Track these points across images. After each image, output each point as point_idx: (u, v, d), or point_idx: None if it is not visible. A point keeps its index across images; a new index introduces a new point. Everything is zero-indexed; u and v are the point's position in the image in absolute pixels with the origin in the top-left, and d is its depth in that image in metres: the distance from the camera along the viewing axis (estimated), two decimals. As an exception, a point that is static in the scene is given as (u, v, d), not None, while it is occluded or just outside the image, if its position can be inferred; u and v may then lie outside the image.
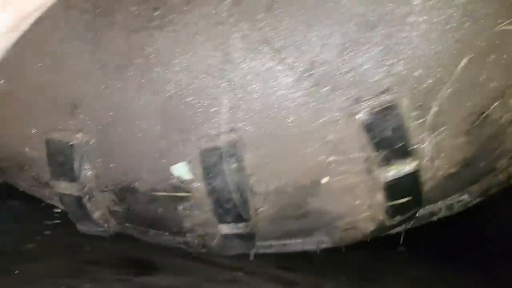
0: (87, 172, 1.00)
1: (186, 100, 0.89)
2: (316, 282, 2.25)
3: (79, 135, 0.97)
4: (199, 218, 1.06)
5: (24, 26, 0.58)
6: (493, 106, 0.87)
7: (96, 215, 1.07)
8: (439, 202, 1.12)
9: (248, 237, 1.01)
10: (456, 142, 0.91)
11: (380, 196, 0.93)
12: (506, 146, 0.98)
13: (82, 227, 1.13)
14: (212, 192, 0.92)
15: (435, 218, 1.22)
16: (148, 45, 0.86)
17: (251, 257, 1.16)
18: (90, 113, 0.95)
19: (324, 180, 0.94)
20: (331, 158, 0.90)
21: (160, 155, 0.95)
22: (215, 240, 1.13)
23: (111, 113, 0.94)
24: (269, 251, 1.21)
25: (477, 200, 1.20)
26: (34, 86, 0.96)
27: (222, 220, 0.97)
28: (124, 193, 1.04)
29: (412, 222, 1.11)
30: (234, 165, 0.89)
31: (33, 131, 1.01)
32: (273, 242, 1.18)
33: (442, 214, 1.22)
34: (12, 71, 0.97)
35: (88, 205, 1.04)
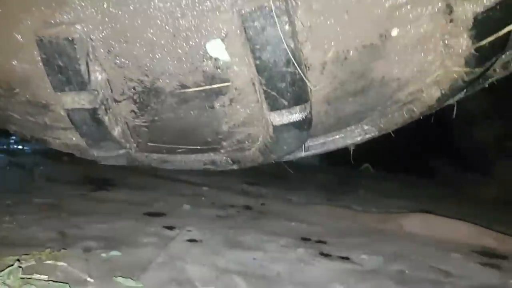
0: (97, 75, 0.80)
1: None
2: (284, 195, 2.26)
3: (79, 27, 0.75)
4: (241, 115, 0.88)
5: None
6: None
7: (116, 131, 0.88)
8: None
9: (304, 125, 0.84)
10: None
11: (463, 40, 0.76)
12: None
13: (99, 152, 0.93)
14: (262, 69, 0.74)
15: (487, 83, 1.07)
16: None
17: (303, 155, 1.00)
18: (88, -6, 0.73)
19: (394, 32, 0.76)
20: (403, 0, 0.72)
21: (187, 35, 0.75)
22: (259, 142, 0.96)
23: (113, -9, 0.73)
24: (319, 150, 1.05)
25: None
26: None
27: (275, 106, 0.79)
28: (146, 98, 0.85)
29: (483, 82, 0.96)
30: (287, 27, 0.70)
31: (19, 37, 0.79)
32: (323, 139, 1.02)
33: (496, 76, 1.07)
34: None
35: (106, 118, 0.84)
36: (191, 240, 1.46)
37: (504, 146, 2.56)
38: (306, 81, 0.77)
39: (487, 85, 1.07)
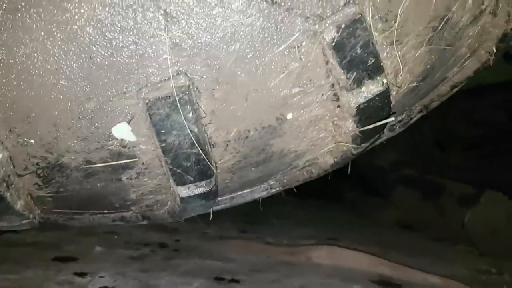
0: (-3, 154, 0.79)
1: (114, 42, 0.71)
2: (200, 227, 2.31)
3: (-23, 108, 0.74)
4: (148, 186, 0.91)
5: None
6: (454, 7, 0.82)
7: (19, 205, 0.87)
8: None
9: (210, 195, 0.89)
10: (418, 53, 0.85)
11: (349, 124, 0.85)
12: (461, 52, 0.96)
13: (2, 223, 0.91)
14: (168, 150, 0.77)
15: (378, 142, 1.20)
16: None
17: (211, 216, 1.04)
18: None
19: (289, 115, 0.84)
20: (295, 90, 0.80)
21: (92, 117, 0.77)
22: (167, 206, 0.99)
23: (13, 75, 0.73)
24: (228, 205, 1.10)
25: (417, 117, 1.19)
26: None
27: (181, 182, 0.83)
28: (50, 172, 0.85)
29: (373, 143, 1.07)
30: (191, 114, 0.75)
31: None
32: (233, 195, 1.08)
33: (385, 136, 1.21)
34: None
35: (8, 194, 0.83)
36: (103, 288, 1.44)
37: (400, 172, 2.80)
38: (211, 159, 0.82)
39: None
